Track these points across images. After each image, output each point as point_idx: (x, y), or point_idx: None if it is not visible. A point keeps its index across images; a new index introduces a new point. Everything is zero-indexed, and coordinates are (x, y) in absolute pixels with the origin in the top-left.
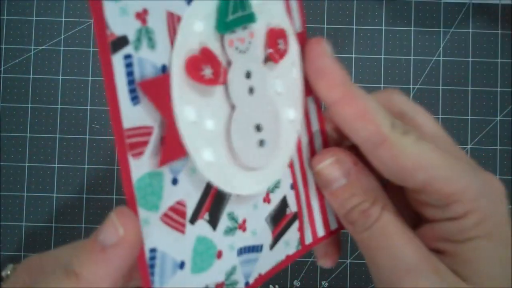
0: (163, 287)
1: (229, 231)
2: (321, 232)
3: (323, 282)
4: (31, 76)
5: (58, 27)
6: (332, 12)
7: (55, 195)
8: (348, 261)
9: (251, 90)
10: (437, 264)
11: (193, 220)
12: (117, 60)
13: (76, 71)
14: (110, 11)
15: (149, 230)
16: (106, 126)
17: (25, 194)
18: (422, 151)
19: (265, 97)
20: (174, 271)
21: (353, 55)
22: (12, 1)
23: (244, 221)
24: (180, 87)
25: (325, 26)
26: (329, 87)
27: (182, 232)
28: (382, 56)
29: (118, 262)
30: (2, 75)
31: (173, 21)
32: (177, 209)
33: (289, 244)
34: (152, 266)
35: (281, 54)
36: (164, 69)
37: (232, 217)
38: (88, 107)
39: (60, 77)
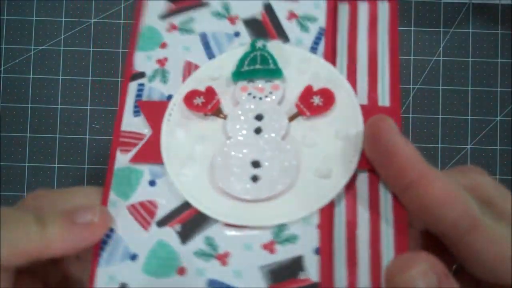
0: (109, 267)
1: (202, 255)
2: None
3: None
4: (31, 76)
5: (58, 27)
6: None
7: None
8: None
9: (258, 130)
10: None
11: (160, 224)
12: (132, 85)
13: (76, 71)
14: (138, 58)
15: (113, 212)
16: (106, 126)
17: (25, 194)
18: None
19: (273, 140)
20: (123, 258)
21: None
22: (12, 1)
23: (226, 255)
24: (175, 111)
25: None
26: (404, 167)
27: (145, 228)
28: None
29: (77, 237)
30: (2, 75)
31: (190, 68)
32: (147, 207)
33: None
34: (104, 243)
35: (315, 109)
36: (169, 98)
37: (209, 243)
38: (88, 107)
39: (60, 77)
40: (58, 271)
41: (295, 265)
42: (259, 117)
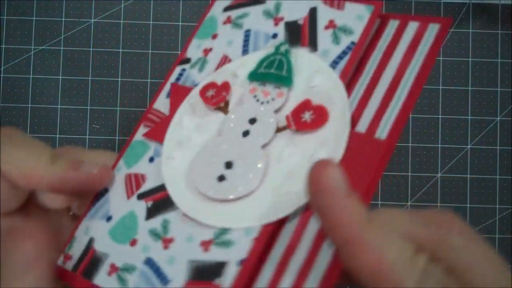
0: (90, 221)
1: (154, 234)
2: None
3: None
4: (31, 76)
5: (58, 27)
6: None
7: None
8: None
9: (245, 133)
10: None
11: (140, 197)
12: (177, 69)
13: (76, 71)
14: (193, 44)
15: (116, 176)
16: (106, 126)
17: None
18: None
19: (254, 146)
20: (102, 217)
21: None
22: (12, 1)
23: (170, 240)
24: (193, 98)
25: None
26: (336, 227)
27: (128, 197)
28: None
29: (74, 180)
30: (2, 75)
31: (225, 61)
32: (138, 179)
33: None
34: (97, 199)
35: (301, 125)
36: (196, 85)
37: (164, 225)
38: (89, 107)
39: (60, 77)
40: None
41: (216, 269)
42: (252, 121)
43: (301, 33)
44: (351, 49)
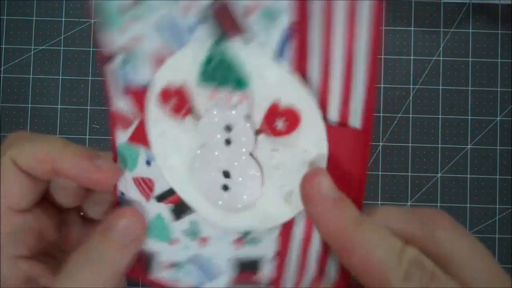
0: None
1: (188, 234)
2: None
3: None
4: (31, 76)
5: (58, 27)
6: None
7: None
8: None
9: (228, 142)
10: None
11: (159, 199)
12: (109, 70)
13: (76, 71)
14: (110, 35)
15: (122, 180)
16: (106, 126)
17: None
18: None
19: (242, 153)
20: None
21: None
22: (12, 1)
23: (206, 239)
24: (153, 104)
25: None
26: (328, 237)
27: (147, 199)
28: (382, 56)
29: (84, 169)
30: (2, 75)
31: (160, 57)
32: (146, 182)
33: None
34: (120, 198)
35: (277, 132)
36: (145, 87)
37: (194, 226)
38: (88, 107)
39: (60, 77)
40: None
41: (255, 264)
42: (228, 128)
43: (224, 22)
44: (288, 35)
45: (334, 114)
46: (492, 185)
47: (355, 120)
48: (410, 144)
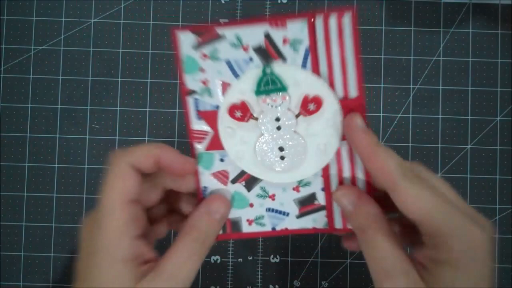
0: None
1: (260, 196)
2: (350, 225)
3: (323, 282)
4: (31, 76)
5: (58, 27)
6: None
7: (55, 195)
8: (348, 261)
9: (278, 128)
10: (409, 270)
11: (233, 182)
12: (190, 99)
13: (76, 71)
14: (187, 79)
15: (203, 177)
16: (106, 126)
17: (25, 194)
18: (423, 197)
19: (291, 133)
20: None
21: None
22: (12, 1)
23: (273, 195)
24: (224, 118)
25: None
26: (362, 149)
27: (225, 184)
28: (382, 56)
29: (178, 164)
30: (2, 75)
31: (225, 85)
32: (223, 173)
33: (316, 221)
34: (203, 191)
35: (310, 112)
36: (217, 107)
37: (263, 190)
38: (88, 107)
39: (60, 77)
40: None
41: (311, 197)
42: (277, 119)
43: (269, 52)
44: (309, 53)
45: (340, 93)
46: (492, 185)
47: (353, 93)
48: (410, 144)
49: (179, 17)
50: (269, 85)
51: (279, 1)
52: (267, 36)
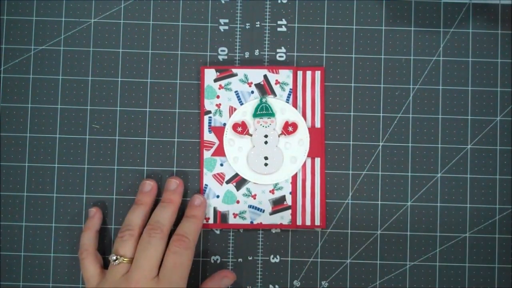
0: (207, 200)
1: (246, 195)
2: (308, 222)
3: (323, 282)
4: (31, 76)
5: (58, 27)
6: (332, 12)
7: (55, 195)
8: (348, 261)
9: (266, 142)
10: None
11: (227, 182)
12: (206, 117)
13: (76, 71)
14: (206, 102)
15: (205, 177)
16: (106, 126)
17: (25, 194)
18: None
19: (274, 147)
20: (214, 197)
21: (353, 55)
22: (12, 1)
23: (255, 195)
24: (228, 132)
25: (325, 26)
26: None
27: (221, 184)
28: (382, 56)
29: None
30: (2, 75)
31: (232, 109)
32: (220, 175)
33: (283, 218)
34: (204, 188)
35: (289, 133)
36: (224, 124)
37: (248, 190)
38: (88, 107)
39: (60, 77)
40: None
41: (282, 199)
42: (266, 136)
43: (265, 88)
44: (291, 93)
45: (308, 123)
46: (492, 185)
47: (317, 124)
48: (410, 144)
49: (179, 17)
50: (263, 111)
51: (279, 1)
52: (265, 77)
